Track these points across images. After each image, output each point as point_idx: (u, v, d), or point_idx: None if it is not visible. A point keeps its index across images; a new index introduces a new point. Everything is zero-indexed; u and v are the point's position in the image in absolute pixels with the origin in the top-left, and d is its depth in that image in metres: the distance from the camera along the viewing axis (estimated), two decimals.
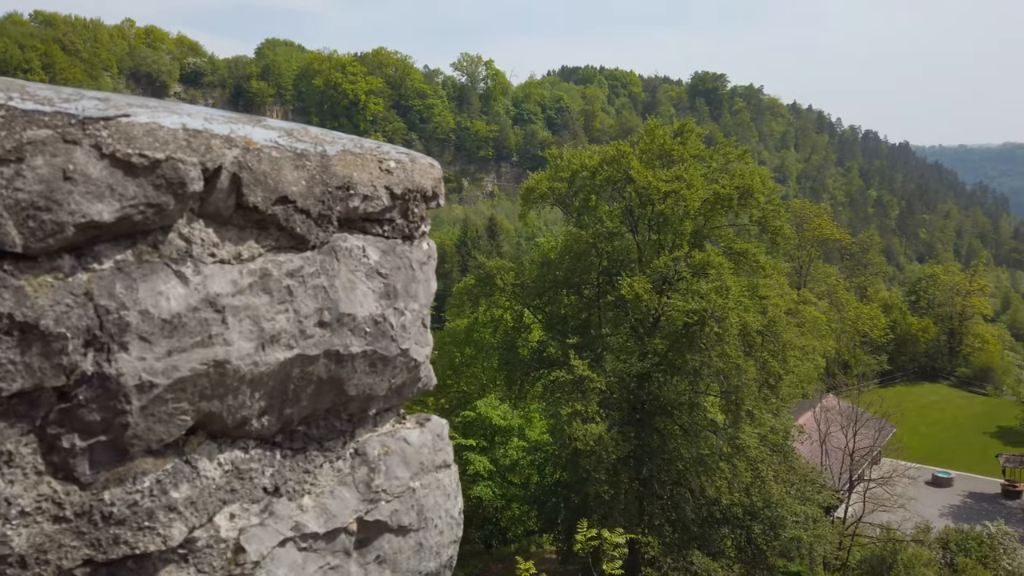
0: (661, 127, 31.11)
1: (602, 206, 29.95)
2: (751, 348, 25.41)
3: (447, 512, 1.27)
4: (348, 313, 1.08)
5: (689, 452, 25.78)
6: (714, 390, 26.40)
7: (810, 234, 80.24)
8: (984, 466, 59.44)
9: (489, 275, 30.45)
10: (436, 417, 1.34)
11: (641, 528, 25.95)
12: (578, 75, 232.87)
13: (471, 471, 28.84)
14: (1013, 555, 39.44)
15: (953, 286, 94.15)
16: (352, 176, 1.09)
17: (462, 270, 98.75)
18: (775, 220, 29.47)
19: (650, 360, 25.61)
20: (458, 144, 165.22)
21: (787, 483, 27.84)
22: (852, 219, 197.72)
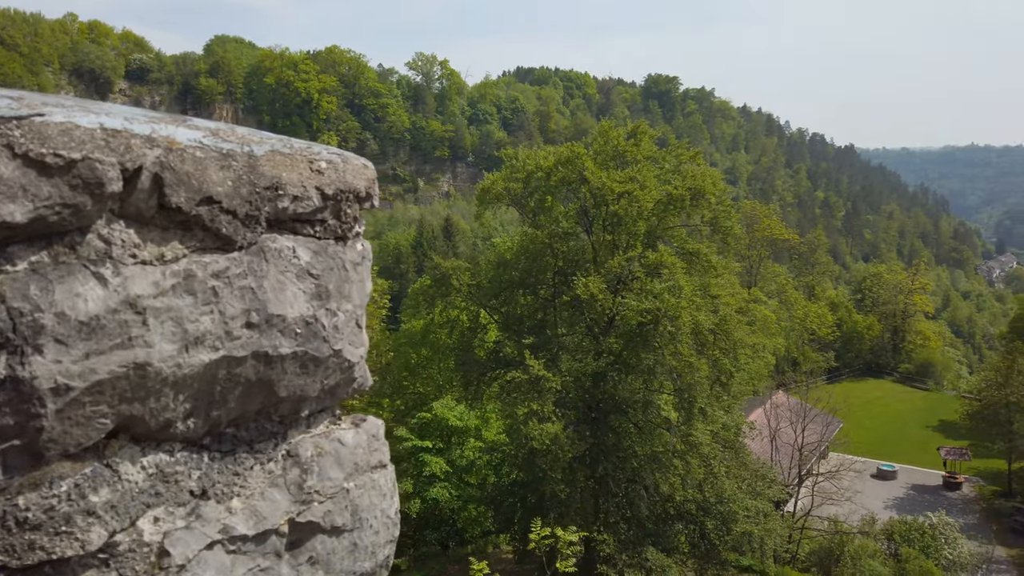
0: (615, 128, 31.38)
1: (557, 206, 30.13)
2: (703, 346, 25.85)
3: (383, 512, 1.27)
4: (277, 314, 1.08)
5: (643, 450, 26.07)
6: (667, 388, 26.73)
7: (760, 234, 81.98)
8: (926, 459, 61.49)
9: (445, 275, 30.36)
10: (372, 418, 1.34)
11: (597, 526, 26.17)
12: (533, 76, 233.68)
13: (427, 473, 28.72)
14: (954, 544, 40.93)
15: (896, 285, 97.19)
16: (281, 176, 1.08)
17: (418, 271, 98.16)
18: (726, 221, 30.02)
19: (605, 359, 25.85)
20: (413, 144, 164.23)
21: (739, 478, 28.38)
22: (800, 220, 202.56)
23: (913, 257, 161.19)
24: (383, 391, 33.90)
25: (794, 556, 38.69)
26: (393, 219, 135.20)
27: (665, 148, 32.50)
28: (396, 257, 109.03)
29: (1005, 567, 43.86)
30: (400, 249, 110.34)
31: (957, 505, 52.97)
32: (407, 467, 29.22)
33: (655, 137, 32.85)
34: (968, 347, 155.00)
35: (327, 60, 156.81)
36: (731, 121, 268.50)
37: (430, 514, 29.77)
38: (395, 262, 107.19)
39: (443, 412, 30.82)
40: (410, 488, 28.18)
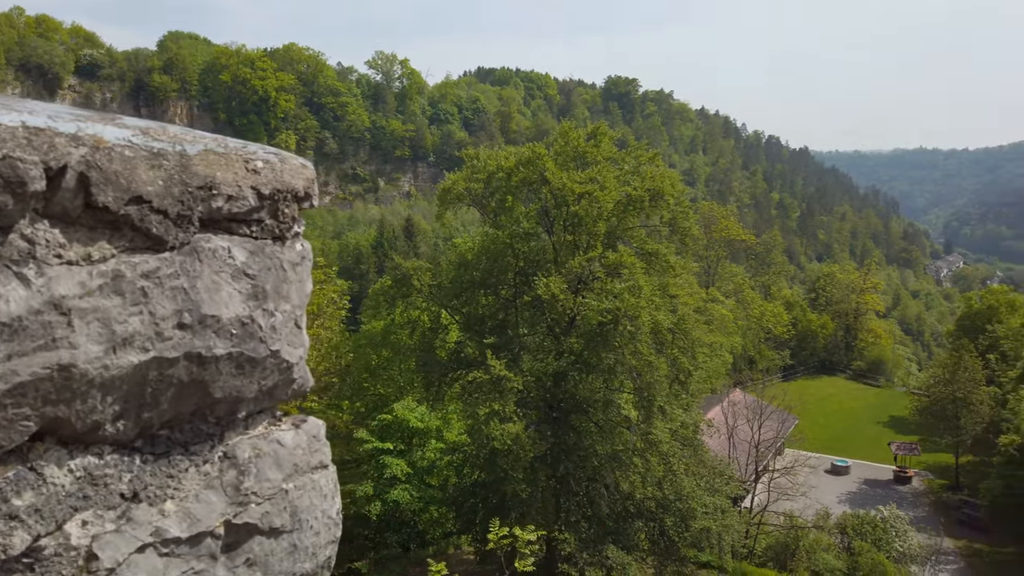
0: (575, 130, 31.54)
1: (518, 207, 30.19)
2: (662, 345, 26.14)
3: (324, 513, 1.27)
4: (212, 315, 1.07)
5: (604, 448, 26.27)
6: (627, 387, 26.99)
7: (718, 235, 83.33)
8: (878, 454, 63.17)
9: (406, 276, 30.18)
10: (313, 418, 1.34)
11: (558, 525, 26.28)
12: (494, 76, 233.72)
13: (388, 475, 28.50)
14: (904, 537, 42.10)
15: (849, 284, 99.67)
16: (215, 176, 1.07)
17: (379, 271, 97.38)
18: (684, 221, 30.40)
19: (566, 359, 25.98)
20: (373, 143, 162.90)
21: (697, 476, 28.78)
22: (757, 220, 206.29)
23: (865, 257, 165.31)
24: (343, 393, 33.55)
25: (751, 551, 39.39)
26: (353, 219, 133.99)
27: (625, 149, 32.77)
28: (356, 257, 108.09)
29: (953, 558, 45.25)
30: (360, 249, 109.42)
31: (907, 499, 54.48)
32: (367, 469, 28.98)
33: (615, 138, 33.11)
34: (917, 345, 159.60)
35: (285, 58, 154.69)
36: (689, 123, 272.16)
37: (391, 516, 29.55)
38: (355, 262, 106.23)
39: (404, 413, 30.63)
40: (371, 490, 27.94)
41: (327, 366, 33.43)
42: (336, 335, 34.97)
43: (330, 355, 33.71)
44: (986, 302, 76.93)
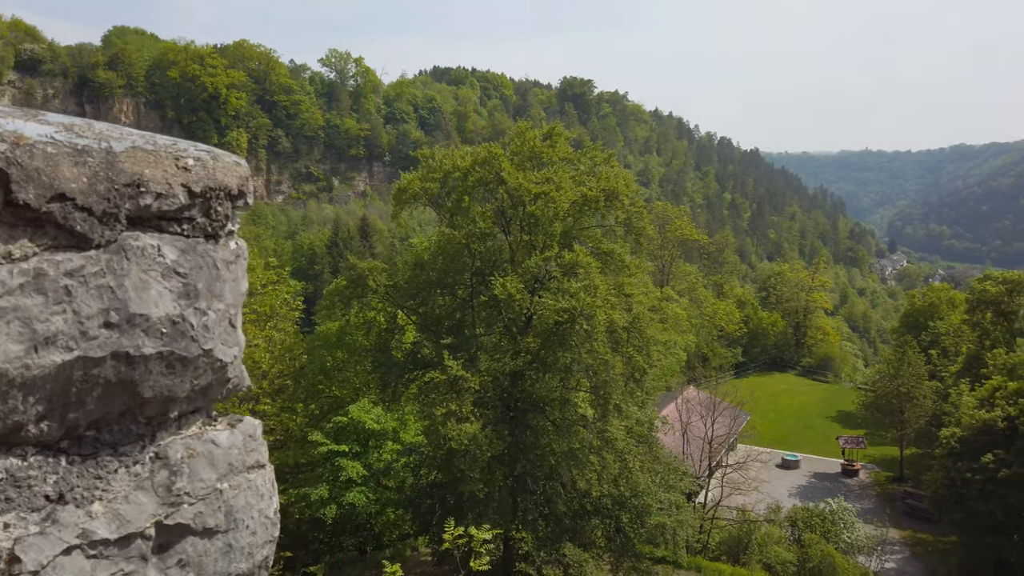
0: (531, 130, 31.61)
1: (475, 207, 30.14)
2: (618, 344, 26.38)
3: (260, 512, 1.26)
4: (140, 313, 1.05)
5: (561, 447, 26.39)
6: (584, 386, 27.16)
7: (672, 235, 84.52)
8: (826, 448, 64.83)
9: (361, 276, 29.89)
10: (249, 418, 1.33)
11: (515, 524, 26.35)
12: (450, 76, 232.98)
13: (344, 477, 28.20)
14: (852, 529, 43.28)
15: (798, 283, 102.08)
16: (143, 173, 1.06)
17: (333, 271, 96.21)
18: (639, 222, 30.71)
19: (523, 358, 26.06)
20: (328, 142, 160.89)
21: (652, 472, 29.13)
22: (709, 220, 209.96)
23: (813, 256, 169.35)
24: (297, 395, 33.07)
25: (705, 546, 40.07)
26: (307, 219, 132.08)
27: (580, 150, 32.97)
28: (310, 258, 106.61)
29: (898, 548, 46.72)
30: (315, 249, 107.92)
31: (855, 491, 56.07)
32: (323, 472, 28.62)
33: (570, 139, 33.27)
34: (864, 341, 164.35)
35: (236, 55, 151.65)
36: (644, 124, 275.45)
37: (347, 519, 29.24)
38: (309, 263, 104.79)
39: (360, 415, 30.34)
40: (326, 493, 27.60)
41: (281, 368, 32.91)
42: (290, 336, 34.47)
43: (284, 357, 33.20)
44: (928, 299, 79.51)
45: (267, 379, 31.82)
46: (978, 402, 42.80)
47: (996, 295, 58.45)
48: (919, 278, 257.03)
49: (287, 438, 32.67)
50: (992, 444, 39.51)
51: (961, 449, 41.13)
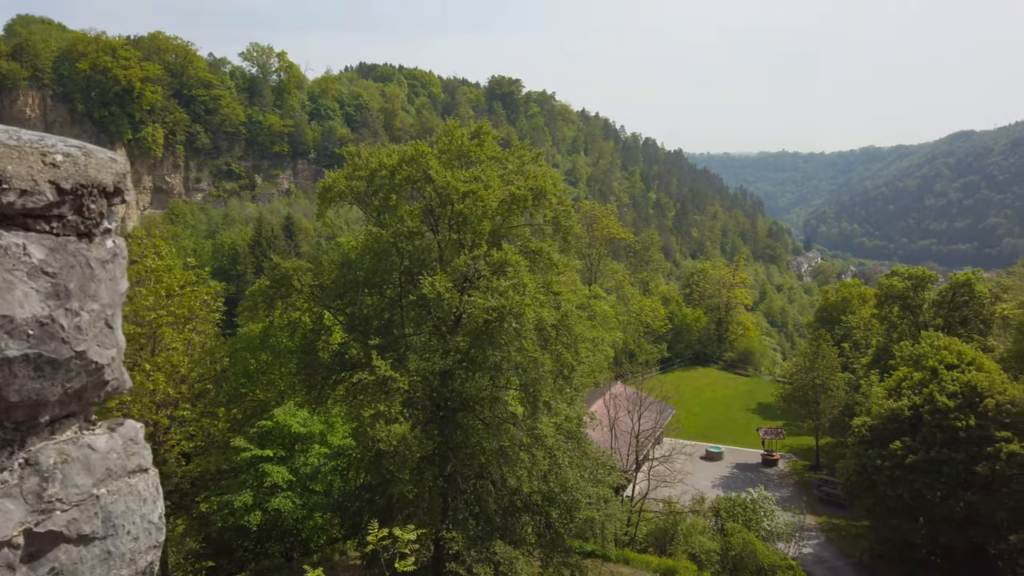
0: (459, 128, 31.56)
1: (402, 205, 29.85)
2: (547, 342, 26.60)
3: (143, 518, 1.23)
4: (3, 314, 1.01)
5: (491, 445, 26.45)
6: (514, 384, 27.31)
7: (599, 233, 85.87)
8: (747, 439, 67.14)
9: (285, 276, 29.20)
10: (131, 421, 1.29)
11: (445, 524, 26.26)
12: (377, 73, 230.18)
13: (269, 483, 27.53)
14: (771, 517, 44.96)
15: (720, 280, 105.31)
16: (6, 170, 1.01)
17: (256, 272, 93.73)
18: (566, 220, 31.06)
19: (453, 358, 25.98)
20: (250, 139, 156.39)
21: (581, 467, 29.52)
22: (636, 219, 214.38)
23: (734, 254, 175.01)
24: (219, 400, 32.03)
25: (633, 538, 40.90)
26: (229, 218, 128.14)
27: (509, 149, 33.09)
28: (232, 258, 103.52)
29: (814, 533, 48.81)
30: (237, 249, 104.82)
31: (774, 480, 58.26)
32: (246, 478, 27.85)
33: (498, 138, 33.35)
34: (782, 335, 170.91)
35: (150, 47, 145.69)
36: (571, 124, 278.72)
37: (272, 525, 28.54)
38: (231, 263, 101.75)
39: (285, 419, 29.66)
40: (250, 500, 26.87)
41: (201, 372, 31.82)
42: (210, 339, 33.37)
43: (204, 360, 32.11)
44: (841, 295, 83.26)
45: (186, 383, 30.73)
46: (886, 392, 45.07)
47: (902, 290, 61.68)
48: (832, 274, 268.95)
49: (208, 444, 31.63)
50: (900, 432, 41.71)
51: (871, 437, 43.26)
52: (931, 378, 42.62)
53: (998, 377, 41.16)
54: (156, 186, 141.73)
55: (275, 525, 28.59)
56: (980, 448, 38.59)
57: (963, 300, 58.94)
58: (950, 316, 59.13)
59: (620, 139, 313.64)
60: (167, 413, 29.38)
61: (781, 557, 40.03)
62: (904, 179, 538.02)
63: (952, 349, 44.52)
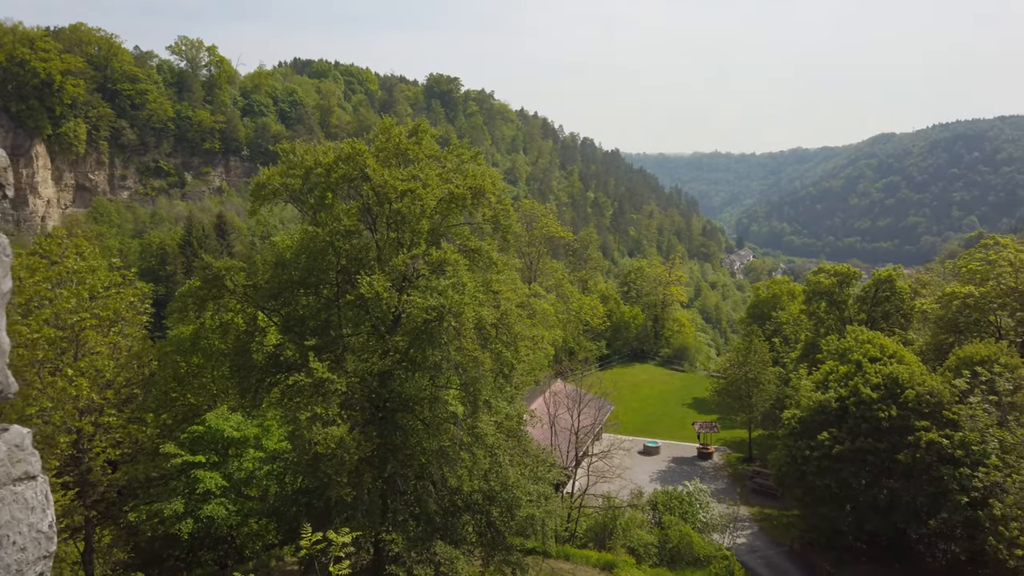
0: (397, 126, 31.24)
1: (339, 204, 29.36)
2: (486, 341, 26.61)
3: (31, 527, 1.15)
4: None
5: (431, 445, 26.31)
6: (453, 383, 27.21)
7: (538, 232, 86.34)
8: (684, 433, 68.52)
9: (217, 276, 28.40)
10: (16, 426, 1.20)
11: (385, 526, 26.00)
12: (312, 69, 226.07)
13: (201, 489, 26.71)
14: (707, 508, 46.04)
15: (656, 277, 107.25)
16: None
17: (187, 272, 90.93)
18: (505, 219, 31.11)
19: (391, 358, 25.70)
20: (179, 135, 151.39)
21: (521, 465, 29.62)
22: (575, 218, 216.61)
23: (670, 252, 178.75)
24: (147, 405, 30.86)
25: (573, 534, 41.28)
26: (157, 216, 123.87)
27: (447, 147, 32.96)
28: (161, 258, 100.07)
29: (748, 524, 50.17)
30: (166, 249, 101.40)
31: (709, 473, 59.64)
32: (177, 485, 26.96)
33: (437, 136, 33.16)
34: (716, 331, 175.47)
35: (71, 39, 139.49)
36: (510, 124, 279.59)
37: (205, 533, 27.72)
38: (160, 263, 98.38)
39: (218, 423, 28.83)
40: (181, 508, 26.02)
41: (128, 376, 30.60)
42: (137, 342, 32.12)
43: (131, 364, 30.88)
44: (771, 291, 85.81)
45: (112, 388, 29.52)
46: (814, 385, 46.65)
47: (829, 286, 63.97)
48: (764, 272, 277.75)
49: (136, 451, 30.47)
50: (827, 423, 43.26)
51: (801, 429, 44.72)
52: (856, 371, 44.32)
53: (917, 369, 43.09)
54: (79, 183, 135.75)
55: (208, 533, 27.76)
56: (901, 437, 40.35)
57: (885, 296, 61.50)
58: (873, 311, 61.63)
59: (559, 139, 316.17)
60: (91, 420, 28.17)
61: (716, 548, 41.04)
62: (830, 179, 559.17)
63: (875, 343, 46.39)
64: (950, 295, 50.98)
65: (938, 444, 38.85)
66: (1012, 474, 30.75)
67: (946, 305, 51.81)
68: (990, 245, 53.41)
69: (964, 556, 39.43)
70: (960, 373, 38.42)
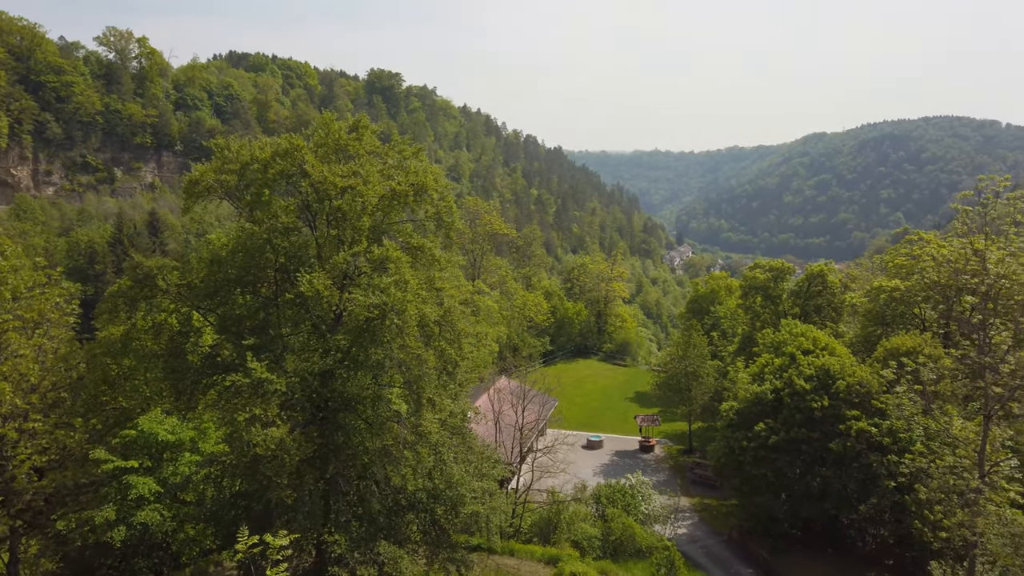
0: (337, 121, 30.70)
1: (277, 201, 28.68)
2: (430, 338, 26.44)
3: None
4: None
5: (374, 444, 26.02)
6: (397, 381, 26.96)
7: (482, 229, 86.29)
8: (626, 427, 69.56)
9: (149, 275, 27.42)
10: None
11: (328, 527, 25.61)
12: (249, 62, 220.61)
13: (133, 496, 25.81)
14: (649, 500, 46.83)
15: (599, 274, 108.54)
16: None
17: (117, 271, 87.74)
18: (448, 216, 30.95)
19: (333, 357, 25.28)
20: (108, 129, 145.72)
21: (466, 463, 29.59)
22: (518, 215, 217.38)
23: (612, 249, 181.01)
24: (75, 409, 29.59)
25: (518, 529, 41.45)
26: (85, 214, 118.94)
27: (389, 143, 32.56)
28: (89, 256, 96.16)
29: (688, 514, 51.24)
30: (95, 247, 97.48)
31: (651, 465, 60.66)
32: (108, 492, 25.98)
33: (378, 132, 32.74)
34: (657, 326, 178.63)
35: None
36: (453, 120, 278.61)
37: (139, 541, 26.79)
38: (88, 262, 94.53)
39: (151, 427, 27.88)
40: (113, 515, 25.07)
41: (54, 380, 29.26)
42: (64, 345, 30.76)
43: (58, 367, 29.55)
44: (710, 287, 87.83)
45: (37, 393, 28.22)
46: (751, 377, 47.96)
47: (764, 281, 65.83)
48: (702, 268, 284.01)
49: (64, 457, 29.21)
50: (763, 414, 44.54)
51: (738, 421, 45.93)
52: (790, 363, 45.74)
53: (848, 360, 44.74)
54: (0, 179, 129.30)
55: (142, 540, 26.87)
56: (833, 427, 41.84)
57: (817, 290, 63.64)
58: (806, 305, 63.69)
59: (502, 136, 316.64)
60: (15, 426, 26.90)
61: (658, 539, 41.80)
62: (765, 177, 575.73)
63: (808, 336, 47.96)
64: (878, 289, 53.08)
65: (867, 432, 40.41)
66: (936, 460, 32.21)
67: (874, 299, 53.94)
68: (914, 241, 55.79)
69: (892, 539, 41.16)
70: (887, 364, 39.98)
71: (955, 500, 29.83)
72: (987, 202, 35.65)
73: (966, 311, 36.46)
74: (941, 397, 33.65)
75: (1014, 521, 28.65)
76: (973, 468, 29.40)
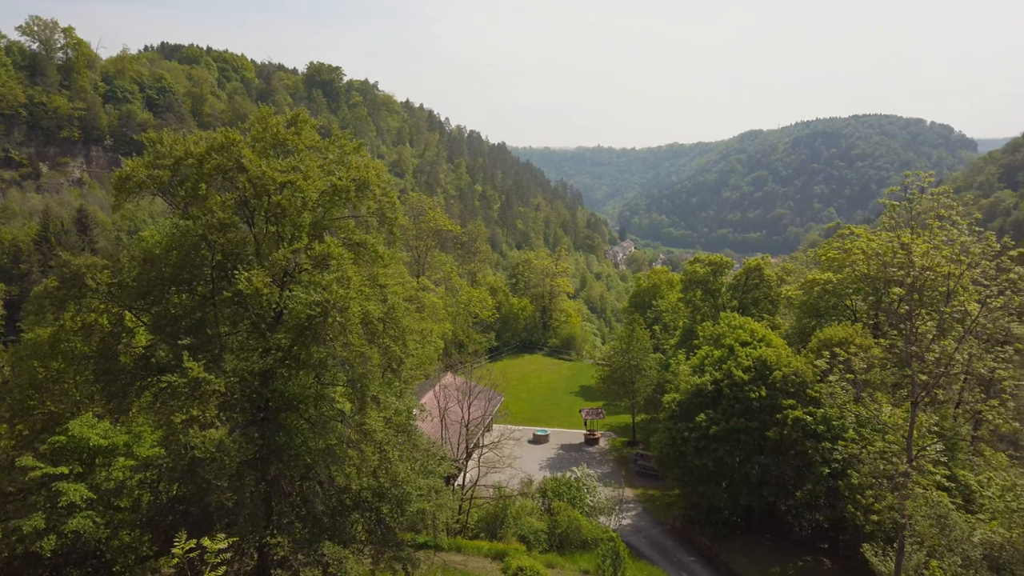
0: (275, 115, 30.03)
1: (213, 196, 27.89)
2: (374, 336, 26.14)
3: None
4: None
5: (317, 444, 25.61)
6: (340, 380, 26.57)
7: (426, 225, 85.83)
8: (572, 421, 70.26)
9: (77, 275, 26.33)
10: None
11: (270, 529, 25.13)
12: (182, 54, 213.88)
13: (64, 503, 24.78)
14: (594, 492, 47.42)
15: (543, 269, 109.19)
16: None
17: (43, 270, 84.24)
18: (391, 212, 30.62)
19: (273, 356, 24.77)
20: (32, 122, 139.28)
21: (412, 460, 29.42)
22: (462, 211, 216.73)
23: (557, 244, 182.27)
24: (0, 415, 28.32)
25: (464, 526, 41.45)
26: (8, 211, 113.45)
27: (329, 138, 32.01)
28: (14, 255, 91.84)
29: (633, 505, 52.10)
30: (19, 246, 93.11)
31: (596, 458, 61.44)
32: (37, 500, 24.89)
33: (318, 127, 32.14)
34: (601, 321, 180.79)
35: None
36: (396, 115, 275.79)
37: (71, 550, 25.76)
38: (12, 261, 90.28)
39: (82, 431, 26.81)
40: (42, 524, 24.04)
41: None
42: None
43: None
44: (652, 281, 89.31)
45: None
46: (692, 369, 48.97)
47: (703, 275, 67.29)
48: (645, 262, 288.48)
49: None
50: (704, 405, 45.57)
51: (680, 412, 46.86)
52: (729, 355, 46.89)
53: (784, 351, 46.12)
54: None
55: (74, 548, 25.83)
56: (771, 416, 43.10)
57: (754, 283, 65.38)
58: (744, 298, 65.38)
59: (445, 131, 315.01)
60: None
61: (603, 530, 42.37)
62: (704, 174, 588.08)
63: (746, 328, 49.24)
64: (811, 282, 54.84)
65: (803, 421, 41.76)
66: (867, 446, 33.56)
67: (808, 291, 55.71)
68: (846, 235, 57.83)
69: (827, 523, 42.68)
70: (821, 354, 41.40)
71: (885, 484, 31.12)
72: (912, 198, 37.15)
73: (894, 302, 38.04)
74: (871, 385, 35.04)
75: (940, 503, 30.06)
76: (902, 453, 30.71)
